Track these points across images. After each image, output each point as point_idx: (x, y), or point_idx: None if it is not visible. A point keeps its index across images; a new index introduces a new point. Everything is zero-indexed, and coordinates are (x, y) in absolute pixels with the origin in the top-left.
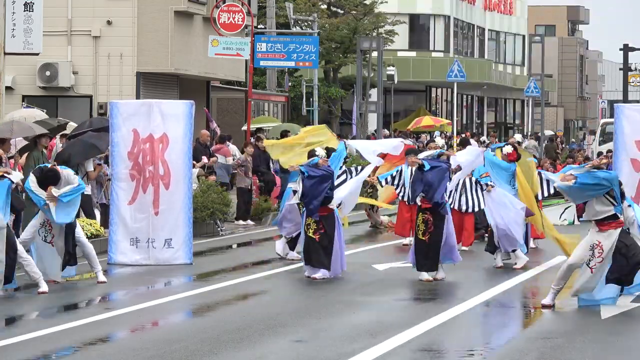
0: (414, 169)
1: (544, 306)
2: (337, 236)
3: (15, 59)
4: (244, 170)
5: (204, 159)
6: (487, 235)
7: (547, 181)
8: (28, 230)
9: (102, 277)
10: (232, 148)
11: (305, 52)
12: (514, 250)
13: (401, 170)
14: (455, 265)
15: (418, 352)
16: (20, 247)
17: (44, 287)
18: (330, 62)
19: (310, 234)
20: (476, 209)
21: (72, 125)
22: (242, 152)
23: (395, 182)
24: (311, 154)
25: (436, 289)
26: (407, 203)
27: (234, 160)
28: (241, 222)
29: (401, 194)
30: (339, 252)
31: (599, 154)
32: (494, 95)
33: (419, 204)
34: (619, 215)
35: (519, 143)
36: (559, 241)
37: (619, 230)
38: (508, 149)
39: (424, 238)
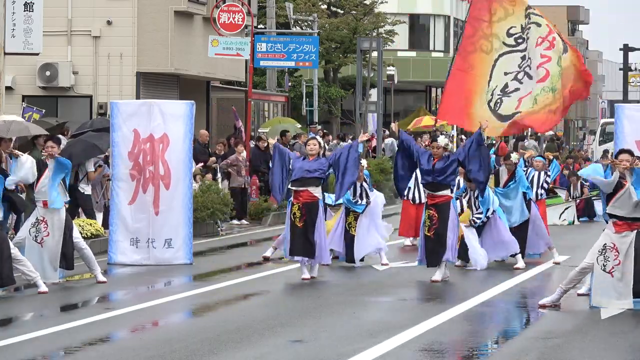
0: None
1: (542, 306)
2: (318, 224)
3: (15, 59)
4: (237, 169)
5: (196, 166)
6: None
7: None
8: (22, 230)
9: (101, 277)
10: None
11: (305, 52)
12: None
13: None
14: (455, 266)
15: (418, 352)
16: (14, 249)
17: (43, 287)
18: (330, 62)
19: (296, 223)
20: None
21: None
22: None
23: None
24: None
25: (436, 289)
26: (412, 202)
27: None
28: (235, 221)
29: (406, 192)
30: (322, 241)
31: (603, 154)
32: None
33: (425, 200)
34: None
35: (515, 164)
36: None
37: (635, 232)
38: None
39: (429, 234)
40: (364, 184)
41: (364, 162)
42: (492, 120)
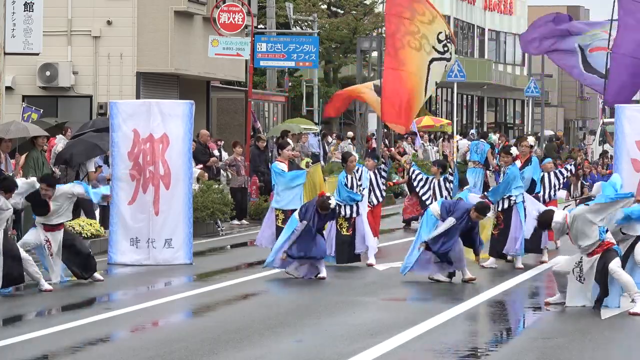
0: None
1: (547, 303)
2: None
3: (15, 59)
4: (235, 169)
5: (198, 169)
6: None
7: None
8: (33, 234)
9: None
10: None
11: (305, 52)
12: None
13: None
14: None
15: (418, 352)
16: (21, 249)
17: (46, 285)
18: (330, 62)
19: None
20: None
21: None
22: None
23: (424, 190)
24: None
25: (436, 289)
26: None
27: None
28: (235, 221)
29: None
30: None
31: (601, 155)
32: (494, 95)
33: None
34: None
35: (532, 147)
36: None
37: (602, 252)
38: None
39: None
40: (355, 176)
41: (355, 154)
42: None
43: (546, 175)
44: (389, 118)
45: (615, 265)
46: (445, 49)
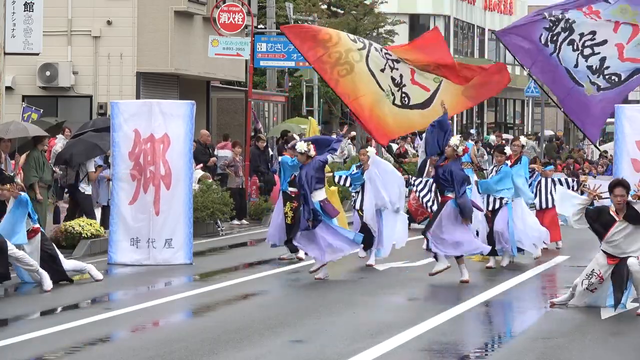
0: None
1: (552, 304)
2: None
3: (15, 59)
4: (234, 170)
5: (200, 170)
6: None
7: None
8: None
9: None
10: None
11: None
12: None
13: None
14: (455, 266)
15: (418, 352)
16: (10, 244)
17: (46, 284)
18: None
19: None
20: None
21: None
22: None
23: (424, 192)
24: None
25: (436, 289)
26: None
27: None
28: (235, 221)
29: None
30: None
31: (600, 155)
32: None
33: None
34: None
35: (523, 146)
36: None
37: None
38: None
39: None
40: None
41: (370, 148)
42: (416, 114)
43: (543, 180)
44: (384, 138)
45: (636, 260)
46: (362, 43)
